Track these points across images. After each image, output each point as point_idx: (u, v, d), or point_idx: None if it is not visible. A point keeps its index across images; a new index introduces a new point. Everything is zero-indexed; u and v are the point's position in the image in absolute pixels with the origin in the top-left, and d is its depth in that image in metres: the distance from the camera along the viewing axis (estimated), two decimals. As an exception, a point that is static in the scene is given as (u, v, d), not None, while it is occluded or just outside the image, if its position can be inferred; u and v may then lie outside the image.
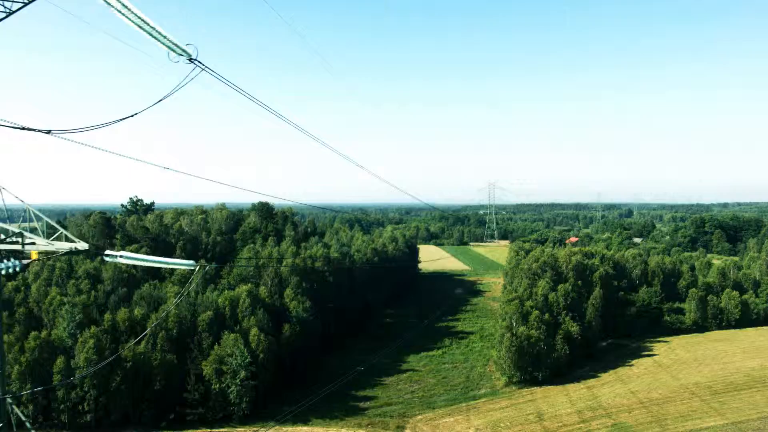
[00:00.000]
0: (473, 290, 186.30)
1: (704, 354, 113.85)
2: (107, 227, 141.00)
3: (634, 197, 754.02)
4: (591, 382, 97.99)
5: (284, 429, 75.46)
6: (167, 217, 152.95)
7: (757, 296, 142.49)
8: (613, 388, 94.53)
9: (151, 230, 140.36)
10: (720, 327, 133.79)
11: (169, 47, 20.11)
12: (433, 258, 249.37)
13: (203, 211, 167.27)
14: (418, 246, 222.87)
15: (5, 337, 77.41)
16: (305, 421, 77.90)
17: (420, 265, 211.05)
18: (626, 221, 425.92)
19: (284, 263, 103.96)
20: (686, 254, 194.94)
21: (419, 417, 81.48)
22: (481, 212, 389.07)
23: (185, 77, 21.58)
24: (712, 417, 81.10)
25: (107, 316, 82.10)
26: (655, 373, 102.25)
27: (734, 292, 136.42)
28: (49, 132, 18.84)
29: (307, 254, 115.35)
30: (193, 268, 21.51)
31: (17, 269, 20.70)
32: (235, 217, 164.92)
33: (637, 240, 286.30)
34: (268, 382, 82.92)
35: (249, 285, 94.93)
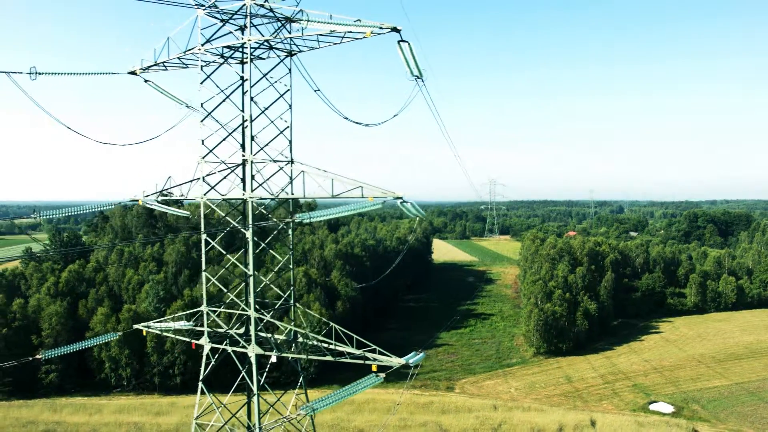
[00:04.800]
0: (485, 279, 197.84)
1: (706, 331, 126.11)
2: (149, 218, 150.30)
3: (625, 195, 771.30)
4: (608, 353, 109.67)
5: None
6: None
7: (751, 282, 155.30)
8: (628, 357, 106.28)
9: (192, 219, 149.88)
10: (718, 309, 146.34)
11: (408, 66, 30.38)
12: (440, 250, 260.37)
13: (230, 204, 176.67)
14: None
15: (102, 309, 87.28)
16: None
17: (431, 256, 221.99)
18: (619, 217, 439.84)
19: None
20: (683, 246, 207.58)
21: (464, 380, 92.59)
22: (482, 207, 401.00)
23: (411, 92, 31.89)
24: (717, 379, 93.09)
25: (186, 291, 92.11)
26: (663, 346, 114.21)
27: (731, 278, 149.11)
28: (367, 125, 29.24)
29: (346, 241, 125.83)
30: (422, 216, 31.63)
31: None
32: (258, 210, 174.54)
33: (633, 234, 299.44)
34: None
35: (304, 266, 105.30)
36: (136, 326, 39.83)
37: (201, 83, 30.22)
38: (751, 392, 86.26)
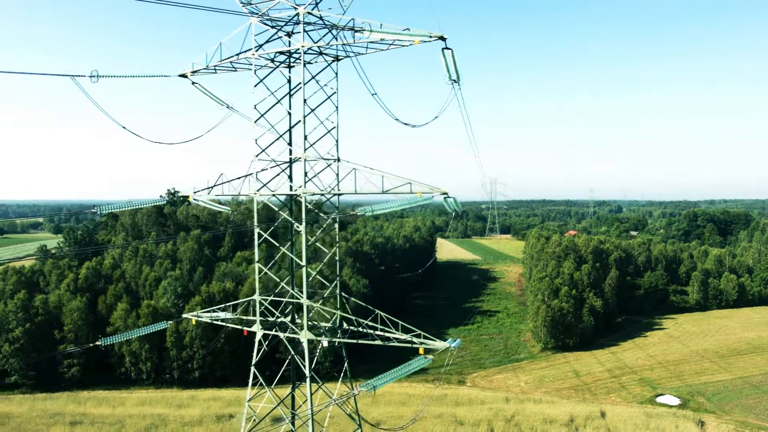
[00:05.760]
0: (488, 277, 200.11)
1: (708, 328, 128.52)
2: (160, 216, 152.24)
3: (623, 194, 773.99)
4: (614, 348, 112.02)
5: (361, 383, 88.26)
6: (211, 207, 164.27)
7: (752, 280, 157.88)
8: (634, 353, 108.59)
9: (201, 219, 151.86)
10: (719, 306, 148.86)
11: (449, 72, 32.43)
12: (443, 249, 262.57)
13: (238, 203, 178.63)
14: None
15: (121, 305, 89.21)
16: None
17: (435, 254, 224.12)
18: (619, 216, 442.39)
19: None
20: (684, 244, 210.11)
21: (474, 374, 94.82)
22: (483, 207, 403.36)
23: (448, 96, 33.90)
24: (721, 373, 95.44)
25: (203, 288, 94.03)
26: (667, 342, 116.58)
27: (732, 276, 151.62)
28: (414, 126, 31.35)
29: (356, 239, 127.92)
30: (460, 211, 33.85)
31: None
32: (266, 207, 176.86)
33: (633, 233, 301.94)
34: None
35: (317, 263, 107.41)
36: (185, 315, 41.89)
37: (255, 86, 32.33)
38: (755, 385, 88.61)
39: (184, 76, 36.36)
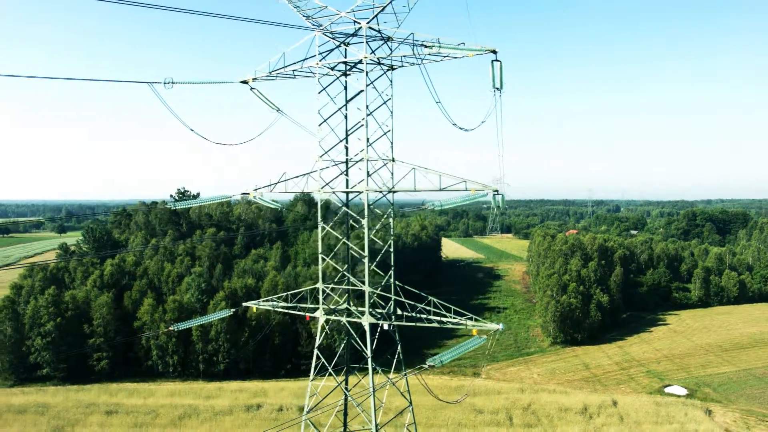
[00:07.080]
0: (493, 275, 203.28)
1: (711, 323, 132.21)
2: (173, 215, 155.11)
3: (621, 194, 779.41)
4: (620, 343, 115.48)
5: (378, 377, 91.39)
6: (223, 206, 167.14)
7: (752, 277, 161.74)
8: (640, 347, 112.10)
9: (214, 217, 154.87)
10: (721, 303, 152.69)
11: (494, 80, 35.58)
12: (447, 248, 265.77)
13: (248, 202, 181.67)
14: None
15: (148, 300, 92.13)
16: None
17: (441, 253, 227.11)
18: (618, 215, 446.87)
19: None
20: (685, 243, 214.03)
21: (488, 367, 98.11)
22: (483, 206, 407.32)
23: (492, 101, 37.06)
24: (725, 366, 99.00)
25: (226, 283, 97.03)
26: (672, 336, 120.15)
27: (733, 273, 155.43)
28: (467, 130, 34.52)
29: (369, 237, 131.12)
30: (503, 208, 37.01)
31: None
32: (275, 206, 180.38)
33: (633, 232, 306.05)
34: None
35: (334, 260, 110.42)
36: (245, 304, 44.92)
37: (318, 93, 35.46)
38: (758, 377, 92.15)
39: (245, 82, 39.44)
